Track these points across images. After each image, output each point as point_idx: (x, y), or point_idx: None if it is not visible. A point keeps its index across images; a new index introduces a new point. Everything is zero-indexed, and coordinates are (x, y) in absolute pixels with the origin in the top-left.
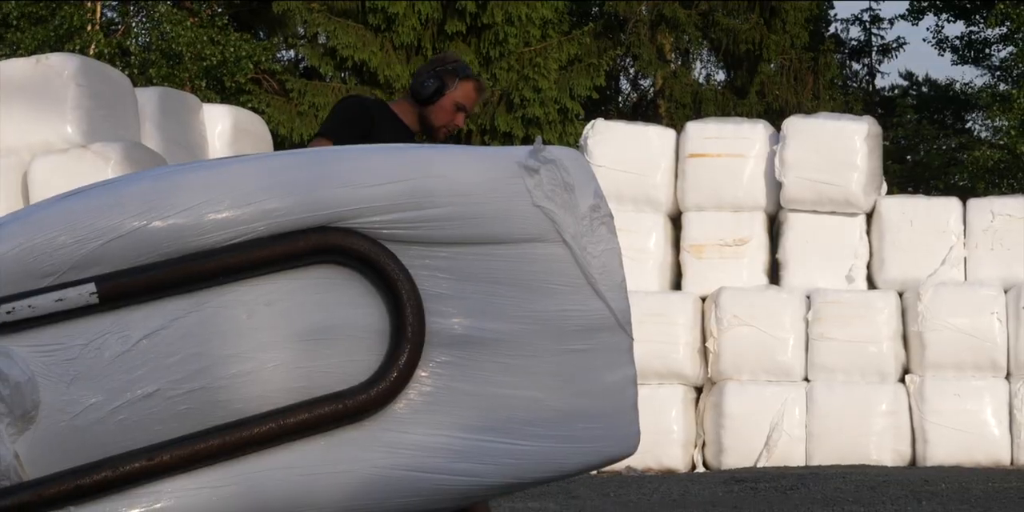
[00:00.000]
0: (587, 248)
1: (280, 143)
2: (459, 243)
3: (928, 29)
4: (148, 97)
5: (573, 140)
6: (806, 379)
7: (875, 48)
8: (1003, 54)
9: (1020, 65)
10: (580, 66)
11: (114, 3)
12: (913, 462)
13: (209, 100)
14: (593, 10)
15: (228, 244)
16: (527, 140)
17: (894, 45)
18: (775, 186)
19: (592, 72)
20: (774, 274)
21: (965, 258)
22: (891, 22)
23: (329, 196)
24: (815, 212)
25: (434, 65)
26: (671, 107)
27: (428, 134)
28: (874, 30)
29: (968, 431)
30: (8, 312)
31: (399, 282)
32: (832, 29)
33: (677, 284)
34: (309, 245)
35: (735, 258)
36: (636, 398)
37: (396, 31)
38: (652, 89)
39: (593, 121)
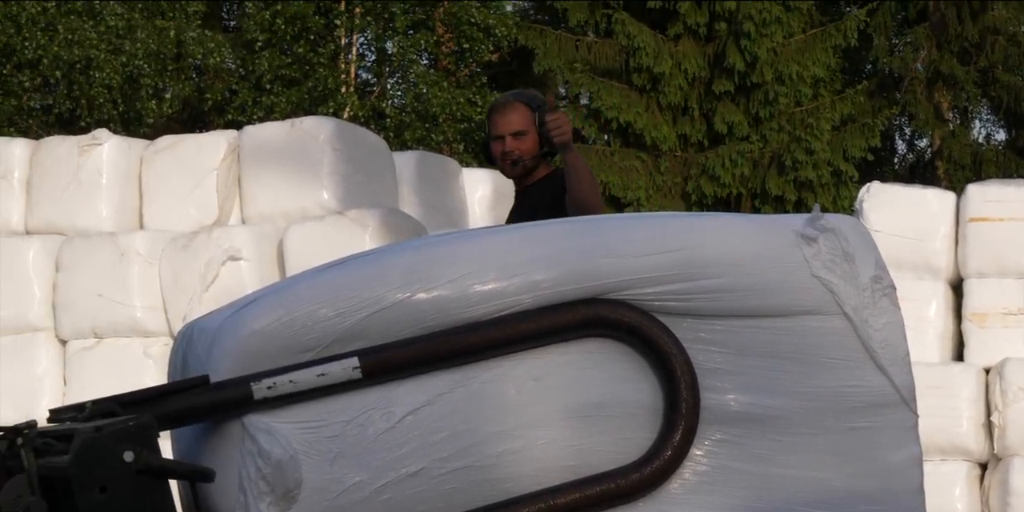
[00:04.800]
0: (868, 321)
1: None
2: (734, 315)
3: None
4: (405, 161)
5: (847, 204)
6: None
7: None
8: None
9: None
10: (854, 126)
11: (368, 64)
12: None
13: (467, 164)
14: (866, 68)
15: (494, 317)
16: (799, 204)
17: None
18: None
19: (867, 132)
20: None
21: None
22: None
23: (597, 267)
24: None
25: None
26: (950, 168)
27: (514, 177)
28: None
29: None
30: (269, 387)
31: (672, 356)
32: None
33: (959, 355)
34: (578, 318)
35: (1020, 327)
36: (922, 479)
37: (662, 91)
38: (929, 149)
39: (868, 184)
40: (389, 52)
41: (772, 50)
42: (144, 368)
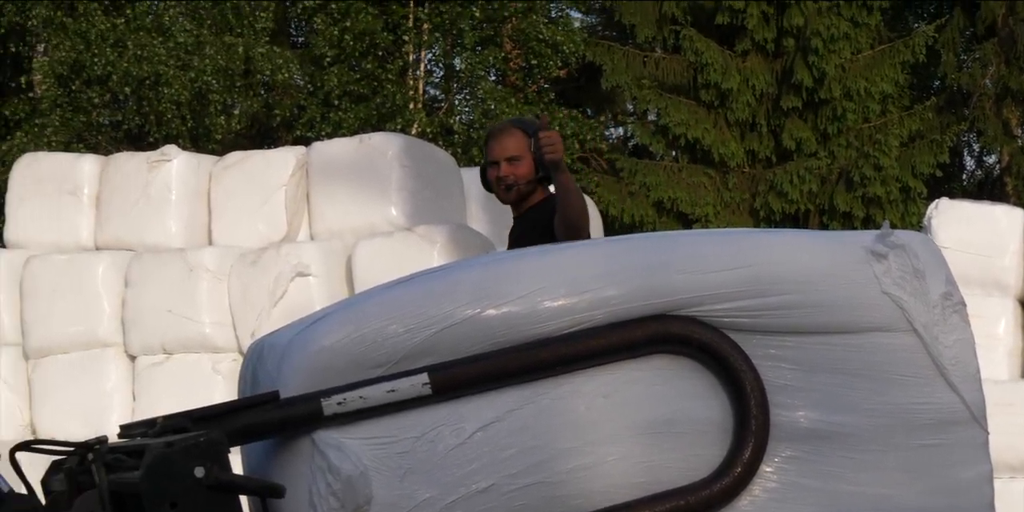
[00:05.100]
0: (939, 338)
1: (610, 224)
2: (804, 332)
3: None
4: (473, 177)
5: (915, 220)
6: None
7: None
8: None
9: None
10: (922, 142)
11: (436, 81)
12: None
13: None
14: (935, 84)
15: (564, 333)
16: (867, 221)
17: None
18: None
19: (935, 149)
20: None
21: None
22: None
23: (668, 283)
24: None
25: None
26: (1018, 185)
27: (509, 202)
28: None
29: None
30: (339, 403)
31: (742, 373)
32: None
33: None
34: (648, 334)
35: None
36: (992, 497)
37: (730, 107)
38: (998, 166)
39: (937, 200)
40: (457, 68)
41: (840, 66)
42: (213, 384)
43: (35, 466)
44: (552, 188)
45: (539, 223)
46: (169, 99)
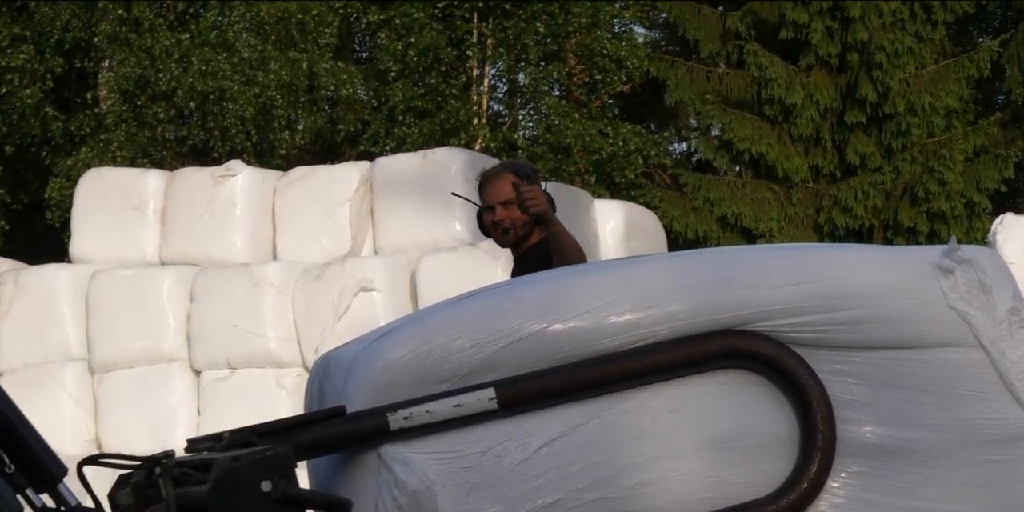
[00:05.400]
0: (1006, 353)
1: (674, 240)
2: (870, 347)
3: None
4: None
5: (980, 235)
6: None
7: None
8: None
9: None
10: (987, 157)
11: (500, 96)
12: None
13: (599, 195)
14: (999, 99)
15: (630, 348)
16: (932, 236)
17: None
18: None
19: (1000, 164)
20: None
21: None
22: None
23: (734, 298)
24: None
25: None
26: None
27: (508, 245)
28: None
29: None
30: (405, 418)
31: (809, 388)
32: None
33: None
34: (714, 349)
35: None
36: None
37: (794, 122)
38: None
39: (1002, 215)
40: (521, 83)
41: (904, 81)
42: (277, 398)
43: (102, 480)
44: None
45: (539, 264)
46: (234, 114)
